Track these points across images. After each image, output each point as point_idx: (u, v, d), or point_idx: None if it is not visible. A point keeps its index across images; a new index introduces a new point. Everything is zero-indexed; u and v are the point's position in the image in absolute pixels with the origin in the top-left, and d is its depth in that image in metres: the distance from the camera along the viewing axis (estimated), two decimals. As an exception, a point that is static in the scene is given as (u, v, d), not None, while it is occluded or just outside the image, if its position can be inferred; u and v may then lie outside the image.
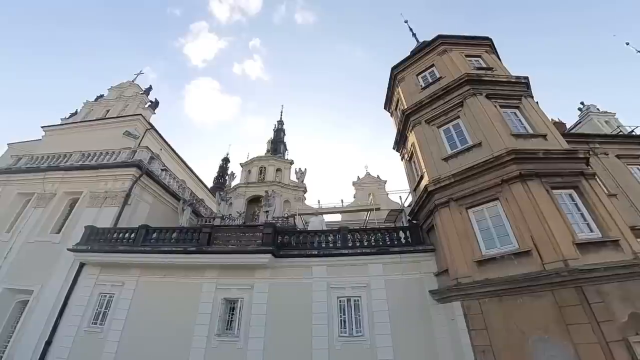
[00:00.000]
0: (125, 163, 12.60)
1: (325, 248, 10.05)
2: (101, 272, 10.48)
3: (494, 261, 7.35)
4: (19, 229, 11.23)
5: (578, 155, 8.29)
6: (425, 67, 12.27)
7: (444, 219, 8.71)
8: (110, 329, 9.46)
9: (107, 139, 16.15)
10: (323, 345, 8.61)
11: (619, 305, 5.91)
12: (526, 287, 6.55)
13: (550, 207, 7.19)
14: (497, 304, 6.90)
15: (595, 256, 6.56)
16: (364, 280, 9.54)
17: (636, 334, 5.63)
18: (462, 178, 8.64)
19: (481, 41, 12.32)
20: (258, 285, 9.74)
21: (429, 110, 10.84)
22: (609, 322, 5.70)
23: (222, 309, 9.53)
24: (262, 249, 9.53)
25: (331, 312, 9.14)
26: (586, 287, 6.04)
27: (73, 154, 13.32)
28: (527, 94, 10.29)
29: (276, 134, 59.09)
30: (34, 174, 12.45)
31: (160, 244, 10.27)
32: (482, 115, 9.33)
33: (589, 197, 7.62)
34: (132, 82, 22.19)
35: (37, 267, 10.44)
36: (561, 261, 6.39)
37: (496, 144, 8.53)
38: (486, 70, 11.04)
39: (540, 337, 6.13)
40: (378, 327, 8.77)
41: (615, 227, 7.09)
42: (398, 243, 10.08)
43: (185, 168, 24.44)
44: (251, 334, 8.98)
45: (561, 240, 6.67)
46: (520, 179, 7.65)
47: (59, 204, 12.00)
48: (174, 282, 10.16)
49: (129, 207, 12.14)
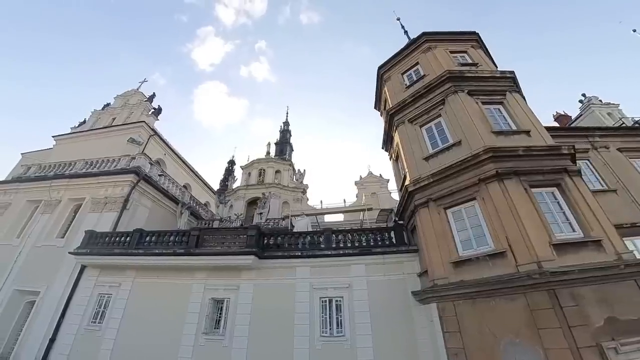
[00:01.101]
0: (123, 170, 13.02)
1: (309, 249, 10.01)
2: (100, 274, 10.90)
3: (470, 262, 7.08)
4: (28, 235, 11.87)
5: (561, 152, 7.83)
6: (410, 65, 11.95)
7: (423, 220, 8.47)
8: (108, 327, 9.82)
9: (113, 146, 16.72)
10: (304, 345, 8.60)
11: (595, 309, 5.55)
12: (498, 290, 6.27)
13: (527, 207, 6.83)
14: (470, 306, 6.65)
15: (573, 257, 6.19)
16: (346, 281, 9.43)
17: (612, 340, 5.27)
18: (441, 178, 8.36)
19: (467, 36, 11.86)
20: (244, 285, 9.83)
21: (412, 109, 10.56)
22: (582, 326, 5.36)
23: (210, 308, 9.70)
24: (245, 250, 9.61)
25: (313, 312, 9.10)
26: (559, 290, 5.70)
27: (77, 162, 13.91)
28: (512, 89, 9.82)
29: (282, 136, 59.31)
30: (41, 182, 13.12)
31: (152, 247, 10.56)
32: (462, 112, 8.99)
33: (572, 195, 7.18)
34: (137, 90, 22.81)
35: (44, 270, 10.99)
36: (535, 263, 6.06)
37: (475, 142, 8.19)
38: (470, 66, 10.62)
39: (511, 340, 5.85)
40: (359, 328, 8.65)
41: (599, 226, 6.65)
42: (382, 244, 9.89)
43: (190, 172, 24.91)
44: (236, 332, 9.09)
45: (536, 240, 6.33)
46: (497, 178, 7.31)
47: (63, 210, 12.58)
48: (166, 282, 10.42)
49: (127, 212, 12.55)
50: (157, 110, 22.14)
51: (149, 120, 20.45)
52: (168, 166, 21.84)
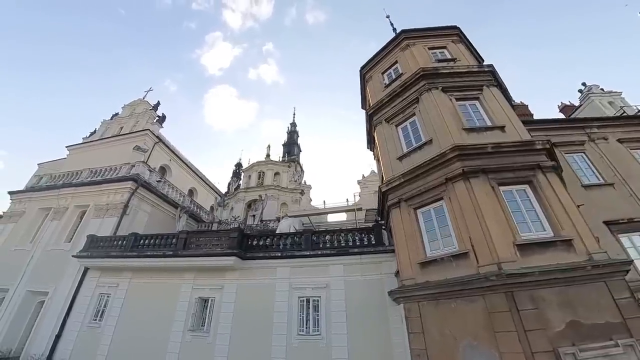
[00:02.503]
0: (122, 177, 13.58)
1: (289, 250, 10.04)
2: (101, 275, 11.47)
3: (436, 263, 6.83)
4: (39, 240, 12.68)
5: (535, 147, 7.35)
6: (390, 64, 11.62)
7: (395, 220, 8.25)
8: (106, 325, 10.35)
9: (120, 154, 17.37)
10: (281, 343, 8.67)
11: (556, 313, 5.21)
12: (459, 291, 6.01)
13: (493, 206, 6.48)
14: (434, 307, 6.42)
15: (539, 258, 5.82)
16: (325, 281, 9.38)
17: (572, 345, 4.93)
18: (411, 178, 8.09)
19: (447, 31, 11.36)
20: (227, 285, 10.02)
21: (388, 108, 10.28)
22: (539, 330, 5.04)
23: (197, 307, 9.97)
24: (227, 251, 9.77)
25: (291, 311, 9.14)
26: (517, 293, 5.39)
27: (83, 171, 14.66)
28: (490, 83, 9.31)
29: (289, 137, 59.49)
30: (51, 191, 13.95)
31: (145, 249, 10.98)
32: (434, 110, 8.64)
33: (544, 192, 6.74)
34: (143, 99, 23.48)
35: (52, 272, 11.71)
36: (495, 264, 5.75)
37: (445, 140, 7.86)
38: (448, 62, 10.18)
39: (470, 343, 5.60)
40: (335, 327, 8.60)
41: (571, 225, 6.20)
42: (360, 244, 9.75)
43: (196, 176, 25.48)
44: (219, 330, 9.31)
45: (498, 241, 6.00)
46: (463, 177, 6.98)
47: (70, 217, 13.33)
48: (159, 283, 10.82)
49: (127, 217, 13.09)
50: (162, 118, 22.80)
51: (154, 128, 21.06)
52: (174, 171, 22.45)
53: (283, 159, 51.01)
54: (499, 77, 10.08)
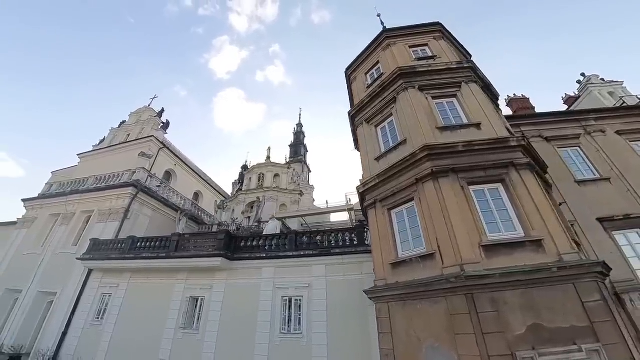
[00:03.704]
0: (124, 184, 14.12)
1: (274, 250, 10.14)
2: (103, 276, 12.03)
3: (405, 264, 6.72)
4: (49, 244, 13.43)
5: (509, 144, 7.05)
6: (372, 64, 11.44)
7: (371, 221, 8.17)
8: (107, 322, 10.86)
9: (127, 161, 17.98)
10: (264, 341, 8.81)
11: (517, 316, 5.00)
12: (422, 293, 5.89)
13: (459, 206, 6.28)
14: (401, 308, 6.32)
15: (506, 259, 5.61)
16: (307, 281, 9.43)
17: (532, 349, 4.73)
18: (385, 178, 7.97)
19: (429, 28, 11.04)
20: (216, 285, 10.27)
21: (368, 109, 10.14)
22: (497, 333, 4.87)
23: (188, 306, 10.29)
24: (214, 253, 10.00)
25: (275, 310, 9.26)
26: (478, 295, 5.22)
27: (89, 178, 15.36)
28: (470, 79, 8.99)
29: (295, 137, 59.57)
30: (60, 198, 14.73)
31: (141, 251, 11.41)
32: (409, 110, 8.45)
33: (516, 191, 6.47)
34: (148, 107, 24.10)
35: (61, 274, 12.39)
36: (458, 265, 5.60)
37: (417, 140, 7.68)
38: (427, 60, 9.91)
39: (432, 345, 5.49)
40: (315, 326, 8.65)
41: (542, 224, 5.92)
42: (343, 244, 9.72)
43: (201, 180, 26.02)
44: (208, 328, 9.58)
45: (463, 242, 5.82)
46: (432, 177, 6.81)
47: (77, 222, 14.02)
48: (155, 283, 11.22)
49: (129, 221, 13.62)
50: (166, 124, 23.44)
51: (158, 134, 21.63)
52: (179, 176, 23.04)
53: (290, 160, 51.26)
54: (480, 72, 9.73)
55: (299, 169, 49.16)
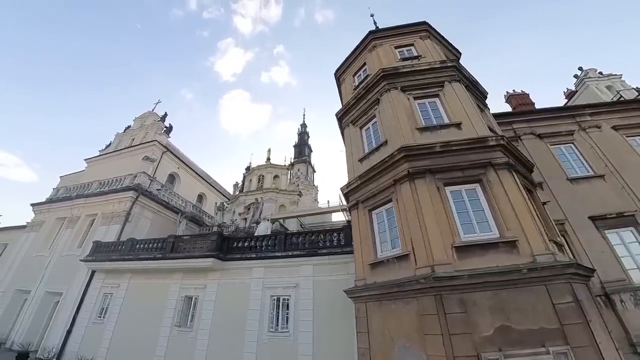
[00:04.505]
0: (125, 188, 14.58)
1: (264, 251, 10.31)
2: (106, 277, 12.48)
3: (383, 264, 6.74)
4: (55, 246, 14.02)
5: (487, 144, 6.95)
6: (359, 66, 11.43)
7: (354, 222, 8.21)
8: (108, 321, 11.28)
9: (132, 165, 18.47)
10: (253, 338, 9.00)
11: (486, 317, 4.96)
12: (395, 293, 5.91)
13: (434, 207, 6.24)
14: (377, 308, 6.35)
15: (478, 260, 5.55)
16: (295, 281, 9.55)
17: (498, 350, 4.70)
18: (366, 179, 7.98)
19: (415, 28, 10.94)
20: (209, 285, 10.52)
21: (354, 111, 10.15)
22: (464, 334, 4.85)
23: (183, 304, 10.59)
24: (206, 254, 10.25)
25: (264, 309, 9.43)
26: (446, 296, 5.20)
27: (93, 183, 15.93)
28: (453, 78, 8.87)
29: (300, 138, 59.58)
30: (66, 202, 15.34)
31: (140, 253, 11.78)
32: (391, 111, 8.43)
33: (493, 191, 6.39)
34: (152, 112, 24.66)
35: (66, 275, 12.93)
36: (429, 266, 5.59)
37: (397, 141, 7.66)
38: (412, 60, 9.83)
39: (404, 345, 5.51)
40: (302, 325, 8.77)
41: (517, 225, 5.83)
42: (330, 245, 9.79)
43: (204, 182, 26.49)
44: (201, 326, 9.85)
45: (436, 243, 5.80)
46: (409, 178, 6.80)
47: (82, 225, 14.58)
48: (153, 283, 11.57)
49: (130, 224, 14.07)
50: (169, 128, 23.95)
51: (161, 138, 22.12)
52: (182, 178, 23.52)
53: (295, 160, 51.37)
54: (465, 71, 9.62)
55: (304, 169, 49.21)
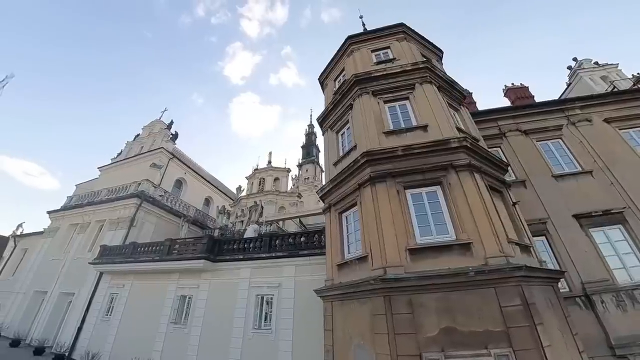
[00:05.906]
0: (130, 195, 15.52)
1: (250, 252, 10.75)
2: (112, 278, 13.42)
3: (348, 265, 6.94)
4: (69, 250, 15.17)
5: (450, 146, 6.97)
6: (339, 71, 11.57)
7: (327, 224, 8.44)
8: (114, 319, 12.16)
9: (140, 172, 19.46)
10: (239, 335, 9.46)
11: (432, 318, 5.07)
12: (354, 293, 6.11)
13: (392, 210, 6.37)
14: (340, 307, 6.58)
15: (430, 262, 5.65)
16: (278, 281, 9.92)
17: (440, 351, 4.81)
18: (337, 183, 8.19)
19: (392, 30, 10.95)
20: (202, 285, 11.11)
21: (332, 116, 10.34)
22: (408, 334, 4.99)
23: (179, 303, 11.24)
24: (197, 255, 10.84)
25: (249, 308, 9.87)
26: (395, 297, 5.35)
27: (102, 190, 17.04)
28: (424, 80, 8.86)
29: (307, 138, 59.84)
30: (78, 210, 16.53)
31: (141, 255, 12.58)
32: (361, 115, 8.56)
33: (452, 193, 6.43)
34: (159, 120, 25.63)
35: (78, 277, 14.01)
36: (382, 268, 5.75)
37: (363, 145, 7.81)
38: (386, 63, 9.89)
39: (358, 343, 5.71)
40: (283, 323, 9.13)
41: (473, 227, 5.85)
42: (311, 246, 10.07)
43: (211, 186, 27.37)
44: (194, 323, 10.46)
45: (390, 245, 5.95)
46: (371, 182, 6.95)
47: (92, 230, 15.67)
48: (153, 283, 12.34)
49: (135, 229, 14.97)
50: (174, 135, 24.89)
51: (167, 145, 23.03)
52: (189, 183, 24.48)
53: (303, 161, 51.80)
54: (439, 71, 9.58)
55: (312, 169, 49.54)
